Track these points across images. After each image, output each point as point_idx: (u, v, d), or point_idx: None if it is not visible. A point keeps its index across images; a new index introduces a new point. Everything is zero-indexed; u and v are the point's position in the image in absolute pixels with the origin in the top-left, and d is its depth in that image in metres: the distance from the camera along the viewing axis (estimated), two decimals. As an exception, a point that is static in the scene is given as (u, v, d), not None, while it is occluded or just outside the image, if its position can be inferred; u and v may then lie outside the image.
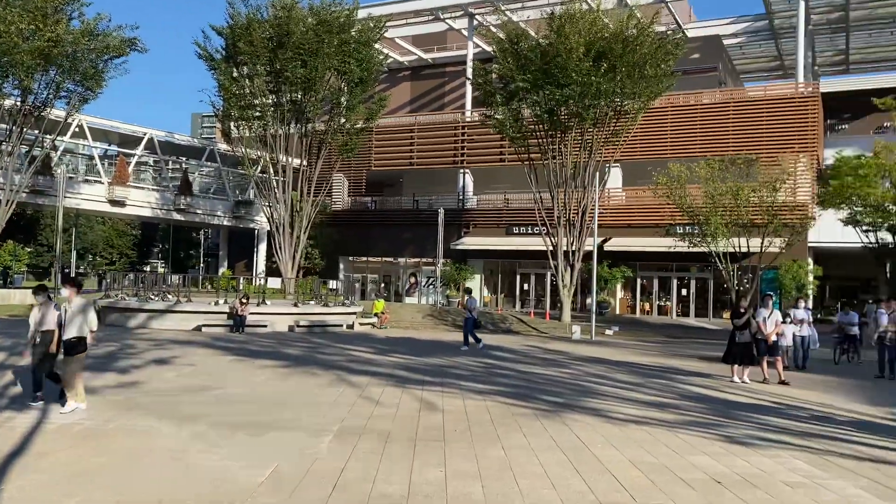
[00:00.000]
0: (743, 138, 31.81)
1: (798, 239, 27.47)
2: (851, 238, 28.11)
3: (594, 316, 25.54)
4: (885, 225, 26.56)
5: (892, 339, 15.81)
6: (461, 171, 39.24)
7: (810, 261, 31.01)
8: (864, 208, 26.61)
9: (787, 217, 26.12)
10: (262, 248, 42.47)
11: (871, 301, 19.88)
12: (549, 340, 23.08)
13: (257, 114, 30.92)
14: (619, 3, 35.53)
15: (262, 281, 28.66)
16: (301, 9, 29.09)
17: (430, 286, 38.63)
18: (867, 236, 27.30)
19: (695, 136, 33.19)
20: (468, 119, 39.33)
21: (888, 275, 27.86)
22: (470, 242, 37.15)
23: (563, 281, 28.72)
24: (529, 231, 34.65)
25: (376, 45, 31.79)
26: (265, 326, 22.88)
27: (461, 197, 39.02)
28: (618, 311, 34.87)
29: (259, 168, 34.20)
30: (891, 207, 26.06)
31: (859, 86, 45.59)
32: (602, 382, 12.87)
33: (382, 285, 41.99)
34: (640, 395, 11.40)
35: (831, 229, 29.39)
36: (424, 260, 39.08)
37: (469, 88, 39.28)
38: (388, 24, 33.43)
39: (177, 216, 39.21)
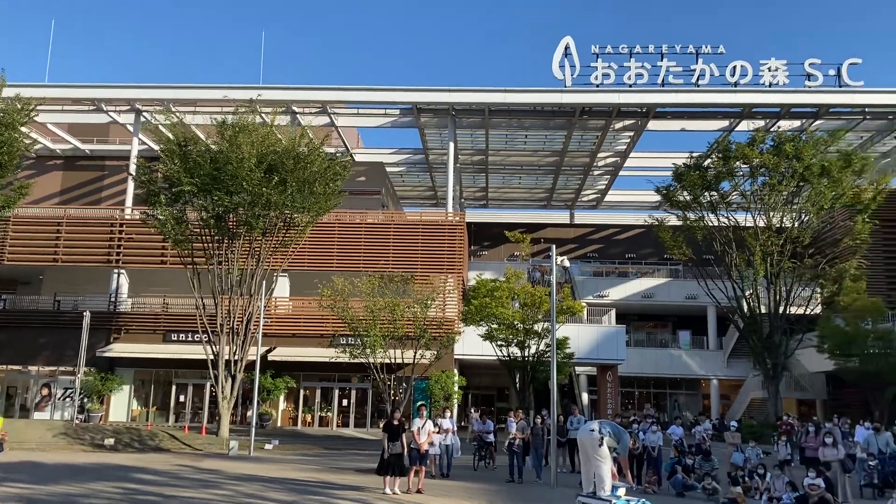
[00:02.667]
0: (401, 257, 34.45)
1: (445, 351, 29.98)
2: (489, 351, 31.57)
3: (254, 429, 24.69)
4: (515, 341, 30.46)
5: (520, 446, 17.89)
6: (116, 270, 36.10)
7: (456, 372, 34.01)
8: (499, 326, 30.30)
9: (437, 332, 28.52)
10: None
11: (475, 410, 22.45)
12: (204, 458, 21.63)
13: None
14: (293, 121, 37.07)
15: None
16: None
17: (68, 399, 34.00)
18: (501, 350, 30.94)
19: (359, 252, 35.08)
20: (128, 216, 36.72)
21: (517, 385, 31.70)
22: (120, 349, 33.82)
23: (223, 392, 27.43)
24: (190, 338, 32.78)
25: (23, 129, 28.48)
26: None
27: (113, 299, 35.67)
28: (279, 423, 34.18)
29: None
30: (518, 325, 30.06)
31: (496, 219, 53.26)
32: (256, 503, 12.36)
33: None
34: (295, 515, 11.17)
35: (473, 343, 32.68)
36: (63, 368, 34.40)
37: (131, 185, 36.97)
38: (40, 108, 30.37)
39: None
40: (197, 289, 27.94)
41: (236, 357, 27.67)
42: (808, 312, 33.79)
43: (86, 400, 32.63)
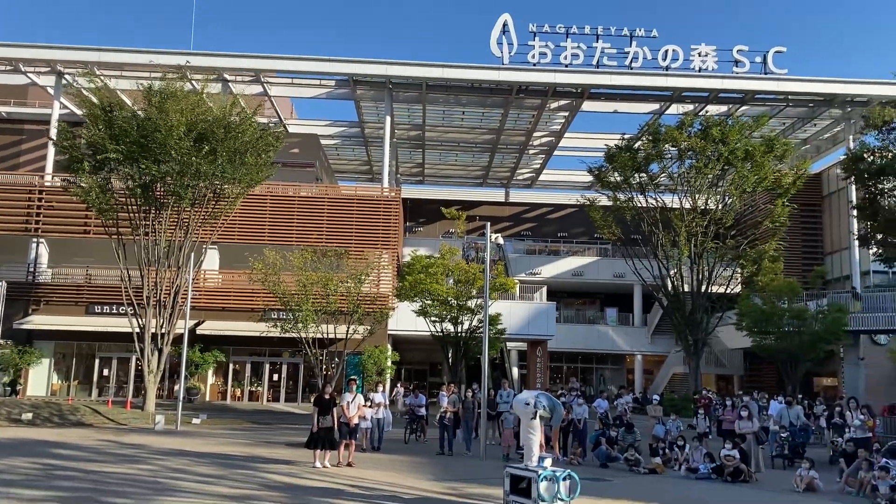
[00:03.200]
0: (335, 231, 34.12)
1: (379, 327, 29.97)
2: (423, 327, 31.67)
3: (181, 403, 24.20)
4: (448, 317, 30.66)
5: (451, 420, 18.13)
6: (35, 240, 34.60)
7: (389, 347, 34.07)
8: (433, 301, 30.42)
9: (371, 307, 28.44)
10: None
11: (401, 386, 22.63)
12: (128, 433, 21.11)
13: None
14: (224, 89, 36.04)
15: None
16: None
17: (-18, 373, 32.60)
18: (435, 326, 31.11)
19: (291, 225, 34.57)
20: (48, 183, 35.17)
21: (450, 360, 31.98)
22: (40, 321, 32.58)
23: (149, 366, 26.76)
24: (114, 311, 31.80)
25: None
26: None
27: (32, 269, 34.22)
28: (208, 398, 33.65)
29: None
30: (452, 302, 30.26)
31: (432, 195, 53.27)
32: (182, 477, 12.18)
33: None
34: (222, 489, 11.07)
35: (407, 318, 32.74)
36: (-23, 342, 32.97)
37: (52, 150, 35.35)
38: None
39: None
40: (122, 260, 27.09)
41: (163, 330, 27.02)
42: (728, 291, 35.11)
43: (16, 380, 31.59)
